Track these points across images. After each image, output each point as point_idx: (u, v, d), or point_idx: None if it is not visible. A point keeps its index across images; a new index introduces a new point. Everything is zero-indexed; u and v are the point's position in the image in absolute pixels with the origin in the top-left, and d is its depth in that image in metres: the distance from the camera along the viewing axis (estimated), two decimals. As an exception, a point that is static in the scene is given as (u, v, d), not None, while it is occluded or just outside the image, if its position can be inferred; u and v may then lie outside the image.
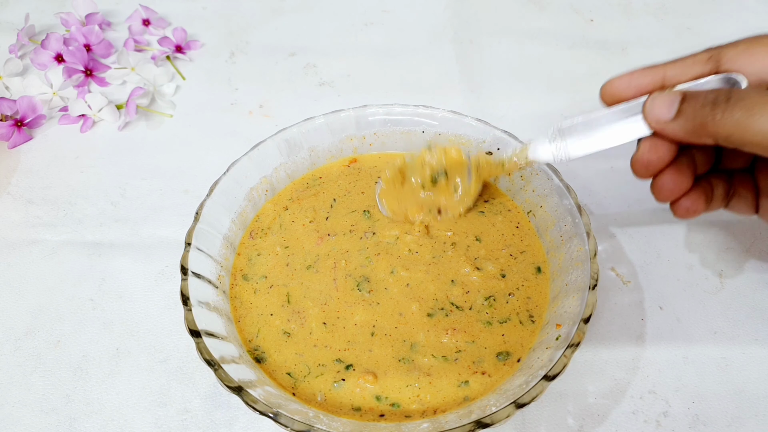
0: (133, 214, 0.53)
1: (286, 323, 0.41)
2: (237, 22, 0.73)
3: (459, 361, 0.39)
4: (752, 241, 0.50)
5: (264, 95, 0.64)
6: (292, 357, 0.39)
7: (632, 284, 0.47)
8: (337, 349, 0.39)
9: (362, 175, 0.50)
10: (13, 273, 0.49)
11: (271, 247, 0.45)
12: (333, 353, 0.39)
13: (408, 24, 0.72)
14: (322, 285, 0.43)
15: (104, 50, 0.67)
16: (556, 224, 0.43)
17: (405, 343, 0.40)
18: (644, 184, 0.53)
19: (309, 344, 0.40)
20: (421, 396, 0.37)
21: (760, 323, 0.44)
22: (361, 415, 0.37)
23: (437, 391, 0.38)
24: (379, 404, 0.37)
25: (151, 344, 0.45)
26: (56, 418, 0.41)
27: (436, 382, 0.38)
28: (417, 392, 0.38)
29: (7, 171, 0.57)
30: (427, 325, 0.40)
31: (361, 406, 0.37)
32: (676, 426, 0.40)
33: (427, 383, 0.38)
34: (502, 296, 0.42)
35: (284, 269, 0.44)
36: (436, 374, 0.38)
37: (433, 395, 0.37)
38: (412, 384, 0.38)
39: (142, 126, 0.61)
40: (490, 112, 0.60)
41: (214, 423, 0.41)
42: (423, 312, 0.41)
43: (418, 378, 0.38)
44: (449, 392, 0.38)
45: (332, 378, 0.38)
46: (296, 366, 0.39)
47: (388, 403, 0.37)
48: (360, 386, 0.38)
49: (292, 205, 0.48)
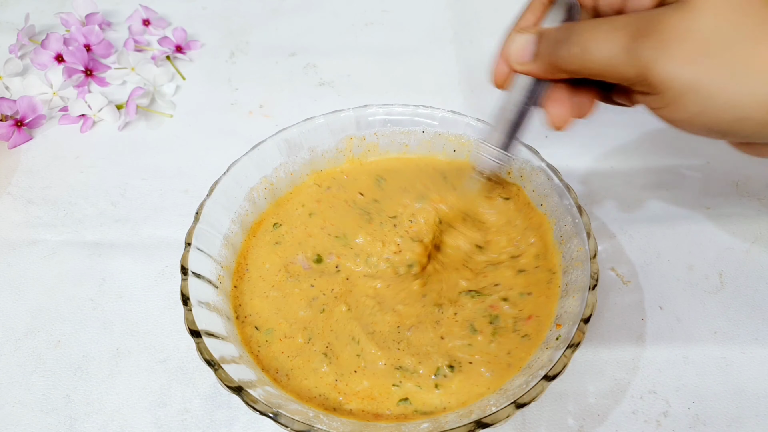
0: (133, 214, 0.53)
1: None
2: (237, 22, 0.73)
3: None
4: (752, 241, 0.50)
5: (264, 95, 0.64)
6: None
7: (632, 284, 0.47)
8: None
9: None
10: (13, 273, 0.49)
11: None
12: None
13: (408, 24, 0.72)
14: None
15: (104, 50, 0.67)
16: (556, 224, 0.43)
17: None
18: (644, 184, 0.54)
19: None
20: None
21: (761, 323, 0.44)
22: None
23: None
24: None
25: (151, 344, 0.45)
26: (56, 418, 0.41)
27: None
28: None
29: (7, 171, 0.57)
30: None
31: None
32: (676, 426, 0.40)
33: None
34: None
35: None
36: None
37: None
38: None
39: (142, 126, 0.61)
40: (490, 111, 0.60)
41: (214, 423, 0.41)
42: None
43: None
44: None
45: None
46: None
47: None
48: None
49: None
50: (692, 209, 0.52)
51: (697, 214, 0.51)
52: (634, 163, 0.56)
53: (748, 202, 0.52)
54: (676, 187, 0.53)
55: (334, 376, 0.38)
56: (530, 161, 0.45)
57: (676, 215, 0.51)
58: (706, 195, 0.53)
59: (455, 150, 0.49)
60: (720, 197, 0.52)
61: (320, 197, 0.48)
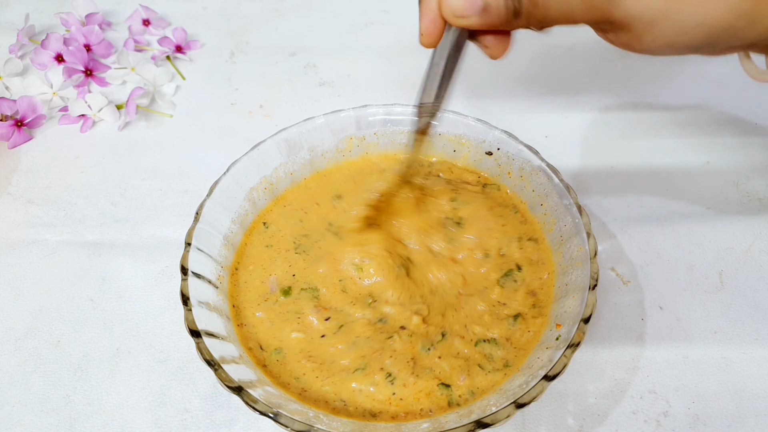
0: (133, 214, 0.53)
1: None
2: (237, 22, 0.73)
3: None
4: (752, 241, 0.50)
5: (264, 95, 0.64)
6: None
7: (632, 284, 0.47)
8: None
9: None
10: (13, 273, 0.49)
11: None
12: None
13: (408, 24, 0.72)
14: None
15: (104, 50, 0.67)
16: (556, 224, 0.43)
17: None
18: (644, 185, 0.54)
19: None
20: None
21: (761, 323, 0.44)
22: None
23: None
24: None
25: (151, 344, 0.45)
26: (56, 418, 0.41)
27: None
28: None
29: (7, 171, 0.57)
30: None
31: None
32: (676, 426, 0.40)
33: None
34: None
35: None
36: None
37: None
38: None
39: (142, 126, 0.61)
40: (490, 111, 0.60)
41: (214, 423, 0.41)
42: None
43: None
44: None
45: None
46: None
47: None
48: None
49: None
50: (692, 209, 0.52)
51: (697, 214, 0.51)
52: (634, 162, 0.56)
53: (748, 202, 0.52)
54: (676, 187, 0.53)
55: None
56: (530, 161, 0.45)
57: (676, 215, 0.51)
58: (706, 195, 0.53)
59: (455, 150, 0.49)
60: (720, 197, 0.52)
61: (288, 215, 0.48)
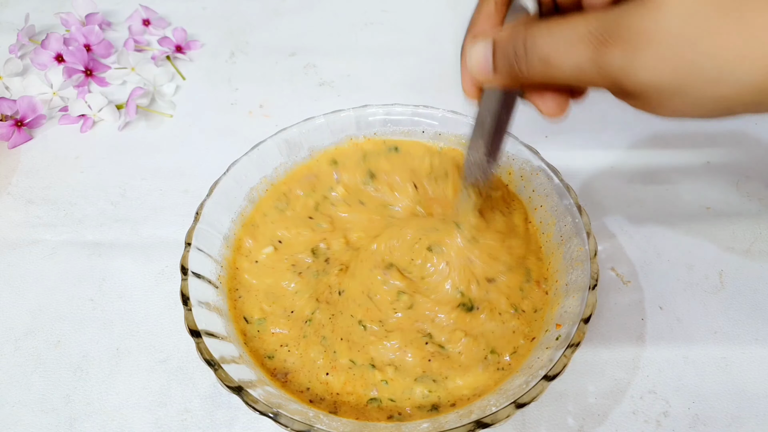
0: (133, 214, 0.53)
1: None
2: (237, 22, 0.73)
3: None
4: (752, 241, 0.50)
5: (264, 95, 0.64)
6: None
7: (632, 284, 0.47)
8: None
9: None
10: (13, 273, 0.49)
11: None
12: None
13: (408, 24, 0.72)
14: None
15: (104, 50, 0.67)
16: (556, 224, 0.43)
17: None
18: (644, 184, 0.54)
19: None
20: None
21: (761, 323, 0.44)
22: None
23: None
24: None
25: (151, 344, 0.45)
26: (56, 418, 0.41)
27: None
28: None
29: (7, 171, 0.57)
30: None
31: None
32: (676, 426, 0.40)
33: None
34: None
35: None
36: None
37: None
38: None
39: (142, 126, 0.61)
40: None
41: (214, 423, 0.41)
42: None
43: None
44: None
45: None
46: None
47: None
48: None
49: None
50: (692, 209, 0.52)
51: (697, 214, 0.51)
52: (634, 163, 0.56)
53: (748, 202, 0.52)
54: (676, 187, 0.53)
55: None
56: (530, 161, 0.45)
57: (676, 215, 0.51)
58: (706, 195, 0.53)
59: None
60: (720, 197, 0.52)
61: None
